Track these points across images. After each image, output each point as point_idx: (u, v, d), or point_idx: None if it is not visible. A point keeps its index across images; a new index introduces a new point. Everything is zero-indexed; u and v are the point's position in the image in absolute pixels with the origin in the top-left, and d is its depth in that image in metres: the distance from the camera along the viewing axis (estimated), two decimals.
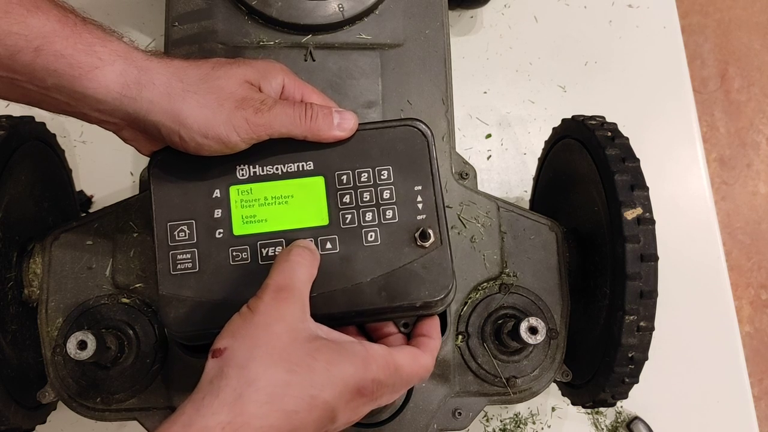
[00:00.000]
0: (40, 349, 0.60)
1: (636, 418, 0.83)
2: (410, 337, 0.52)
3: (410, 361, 0.47)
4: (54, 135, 0.73)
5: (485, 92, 0.95)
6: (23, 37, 0.43)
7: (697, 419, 0.85)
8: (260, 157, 0.51)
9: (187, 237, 0.50)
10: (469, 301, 0.63)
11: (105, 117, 0.48)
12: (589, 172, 0.63)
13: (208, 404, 0.39)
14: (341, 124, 0.51)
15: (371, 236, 0.50)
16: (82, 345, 0.53)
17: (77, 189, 0.83)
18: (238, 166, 0.51)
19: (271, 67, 0.52)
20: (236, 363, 0.41)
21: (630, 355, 0.57)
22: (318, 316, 0.48)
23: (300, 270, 0.46)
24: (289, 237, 0.50)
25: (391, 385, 0.46)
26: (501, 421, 0.82)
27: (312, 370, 0.41)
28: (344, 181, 0.51)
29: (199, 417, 0.39)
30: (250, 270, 0.50)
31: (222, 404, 0.39)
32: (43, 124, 0.70)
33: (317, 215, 0.51)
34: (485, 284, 0.63)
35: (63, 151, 0.75)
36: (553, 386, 0.69)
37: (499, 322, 0.62)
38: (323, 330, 0.45)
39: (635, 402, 0.83)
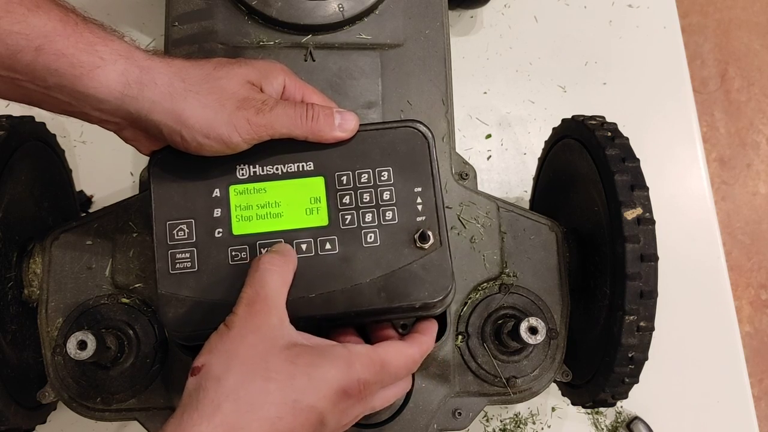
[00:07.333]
0: (40, 349, 0.60)
1: (636, 418, 0.83)
2: None
3: (395, 353, 0.47)
4: (54, 135, 0.73)
5: (485, 92, 0.95)
6: (24, 36, 0.43)
7: (697, 419, 0.85)
8: (260, 157, 0.51)
9: (186, 236, 0.50)
10: (469, 301, 0.63)
11: (106, 117, 0.48)
12: (589, 172, 0.63)
13: (188, 418, 0.39)
14: (342, 124, 0.51)
15: (371, 237, 0.50)
16: (82, 345, 0.53)
17: (77, 189, 0.83)
18: (238, 166, 0.51)
19: (272, 67, 0.52)
20: (213, 376, 0.41)
21: (630, 355, 0.57)
22: (317, 317, 0.48)
23: (271, 278, 0.45)
24: (288, 237, 0.50)
25: (378, 382, 0.46)
26: (501, 421, 0.82)
27: (292, 376, 0.41)
28: (344, 182, 0.51)
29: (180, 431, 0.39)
30: None
31: (201, 416, 0.39)
32: (43, 124, 0.70)
33: (317, 216, 0.51)
34: (485, 284, 0.63)
35: (63, 151, 0.75)
36: (553, 386, 0.69)
37: (499, 322, 0.62)
38: (303, 336, 0.45)
39: (635, 402, 0.83)
